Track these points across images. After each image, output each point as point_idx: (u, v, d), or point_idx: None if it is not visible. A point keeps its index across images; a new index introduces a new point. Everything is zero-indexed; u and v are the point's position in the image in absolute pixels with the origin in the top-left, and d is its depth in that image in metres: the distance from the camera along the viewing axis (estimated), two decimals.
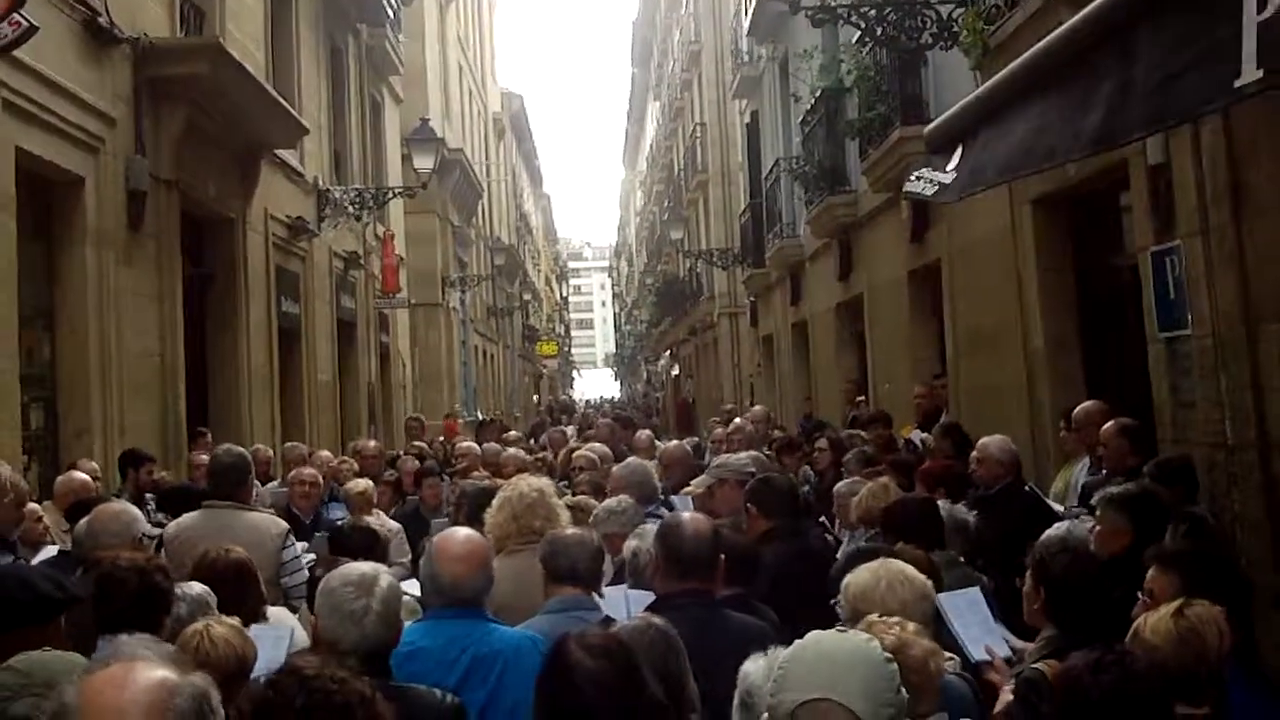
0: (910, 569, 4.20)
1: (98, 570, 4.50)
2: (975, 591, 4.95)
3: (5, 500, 6.45)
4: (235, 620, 4.31)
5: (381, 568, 3.94)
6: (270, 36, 15.79)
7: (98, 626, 4.21)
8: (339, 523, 8.48)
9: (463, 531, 4.77)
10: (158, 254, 11.63)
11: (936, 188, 6.30)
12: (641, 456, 9.93)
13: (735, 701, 3.39)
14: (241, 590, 5.04)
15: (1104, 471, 7.04)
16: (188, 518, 6.96)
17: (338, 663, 2.81)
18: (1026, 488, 7.93)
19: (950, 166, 6.16)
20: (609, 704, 3.14)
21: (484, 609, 4.47)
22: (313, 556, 7.03)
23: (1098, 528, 5.45)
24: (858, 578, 4.14)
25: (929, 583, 4.19)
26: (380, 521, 8.85)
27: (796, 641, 3.07)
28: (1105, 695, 3.17)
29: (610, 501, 6.54)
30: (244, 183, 14.24)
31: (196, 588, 4.74)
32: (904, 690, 2.97)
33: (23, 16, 7.13)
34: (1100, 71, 4.42)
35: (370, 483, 9.76)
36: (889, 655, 3.02)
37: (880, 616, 3.75)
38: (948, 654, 4.00)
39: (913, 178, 6.68)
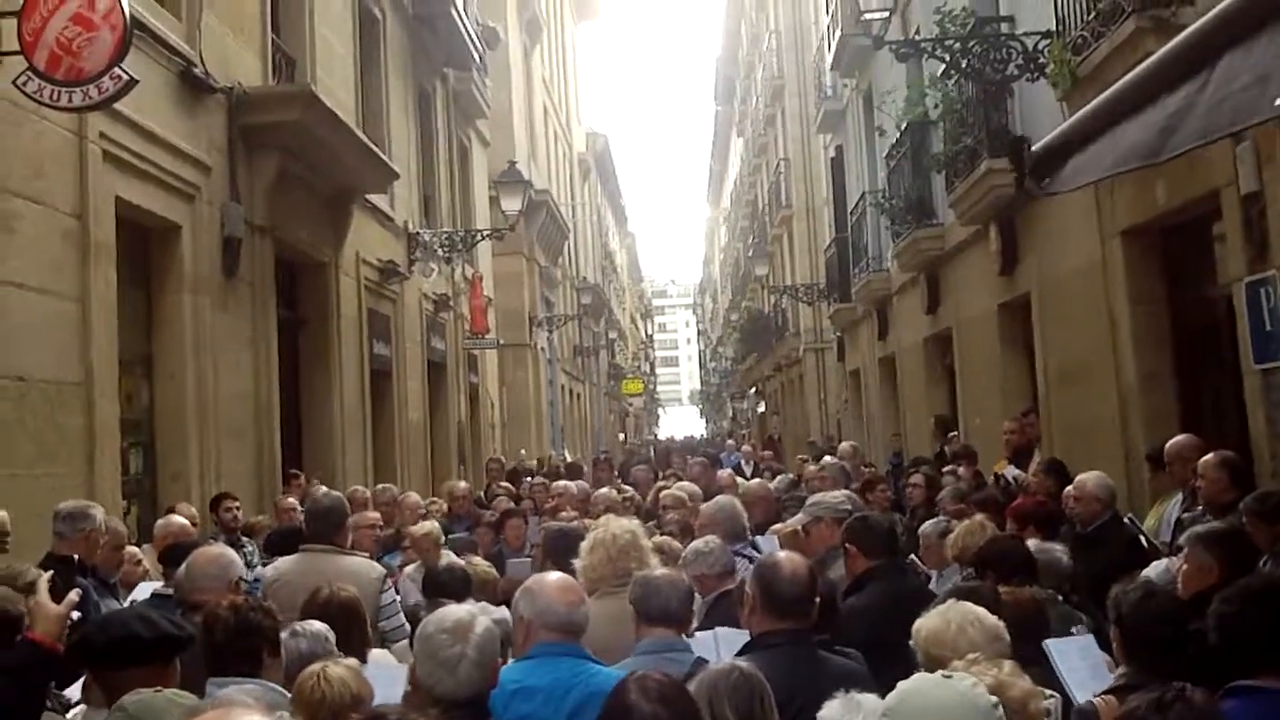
0: (981, 610, 4.13)
1: (202, 615, 4.57)
2: (1089, 638, 4.90)
3: (103, 543, 6.61)
4: (353, 660, 4.34)
5: (478, 609, 3.94)
6: (360, 83, 16.06)
7: (207, 670, 4.28)
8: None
9: (555, 573, 4.83)
10: (252, 299, 11.82)
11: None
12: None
13: None
14: (348, 630, 5.07)
15: (1200, 507, 6.91)
16: (285, 562, 6.96)
17: (429, 709, 2.82)
18: (1126, 519, 7.81)
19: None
20: None
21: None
22: None
23: (1184, 566, 5.37)
24: (928, 622, 4.08)
25: (1001, 623, 4.10)
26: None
27: (900, 684, 3.04)
28: None
29: (698, 542, 6.47)
30: (336, 227, 14.47)
31: (316, 625, 4.79)
32: None
33: (123, 70, 7.30)
34: (1177, 94, 4.43)
35: (435, 525, 9.37)
36: (996, 700, 2.99)
37: (968, 659, 3.71)
38: (1048, 692, 3.95)
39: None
